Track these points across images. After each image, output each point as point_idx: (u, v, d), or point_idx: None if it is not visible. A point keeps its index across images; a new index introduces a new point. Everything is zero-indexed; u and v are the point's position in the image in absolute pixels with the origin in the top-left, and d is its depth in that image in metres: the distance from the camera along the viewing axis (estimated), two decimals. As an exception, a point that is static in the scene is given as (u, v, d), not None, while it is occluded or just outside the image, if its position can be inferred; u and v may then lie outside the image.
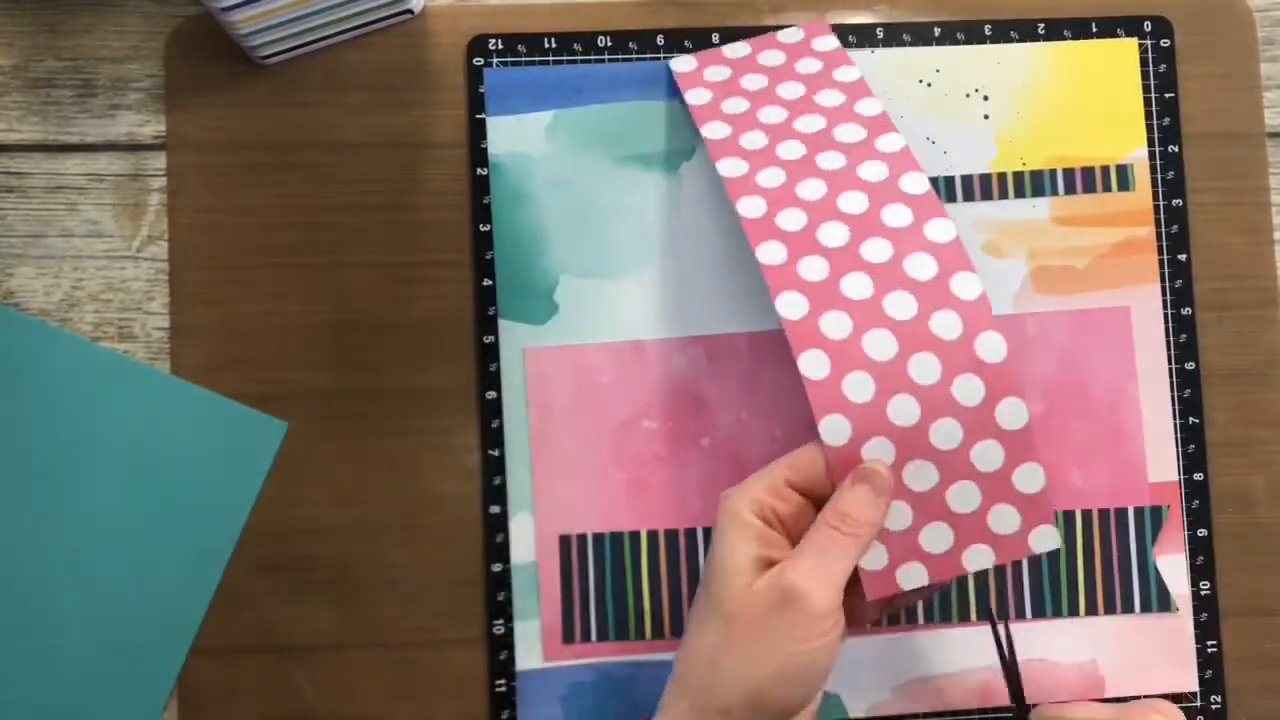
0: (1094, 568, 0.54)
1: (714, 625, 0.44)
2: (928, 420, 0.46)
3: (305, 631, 0.53)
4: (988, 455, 0.46)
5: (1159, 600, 0.55)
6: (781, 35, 0.56)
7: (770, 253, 0.48)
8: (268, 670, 0.53)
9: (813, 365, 0.46)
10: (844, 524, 0.44)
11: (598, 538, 0.54)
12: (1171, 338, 0.56)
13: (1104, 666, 0.54)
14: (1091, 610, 0.54)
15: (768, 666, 0.43)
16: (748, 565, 0.44)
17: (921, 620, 0.54)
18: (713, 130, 0.52)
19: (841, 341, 0.46)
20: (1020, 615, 0.54)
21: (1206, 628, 0.55)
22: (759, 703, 0.43)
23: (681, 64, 0.55)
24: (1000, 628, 0.50)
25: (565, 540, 0.54)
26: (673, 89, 0.56)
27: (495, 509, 0.54)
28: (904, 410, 0.46)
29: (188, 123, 0.55)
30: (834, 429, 0.46)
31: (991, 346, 0.46)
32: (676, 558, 0.54)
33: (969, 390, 0.46)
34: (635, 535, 0.54)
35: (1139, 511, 0.55)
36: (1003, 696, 0.53)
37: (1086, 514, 0.55)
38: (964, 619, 0.54)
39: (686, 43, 0.56)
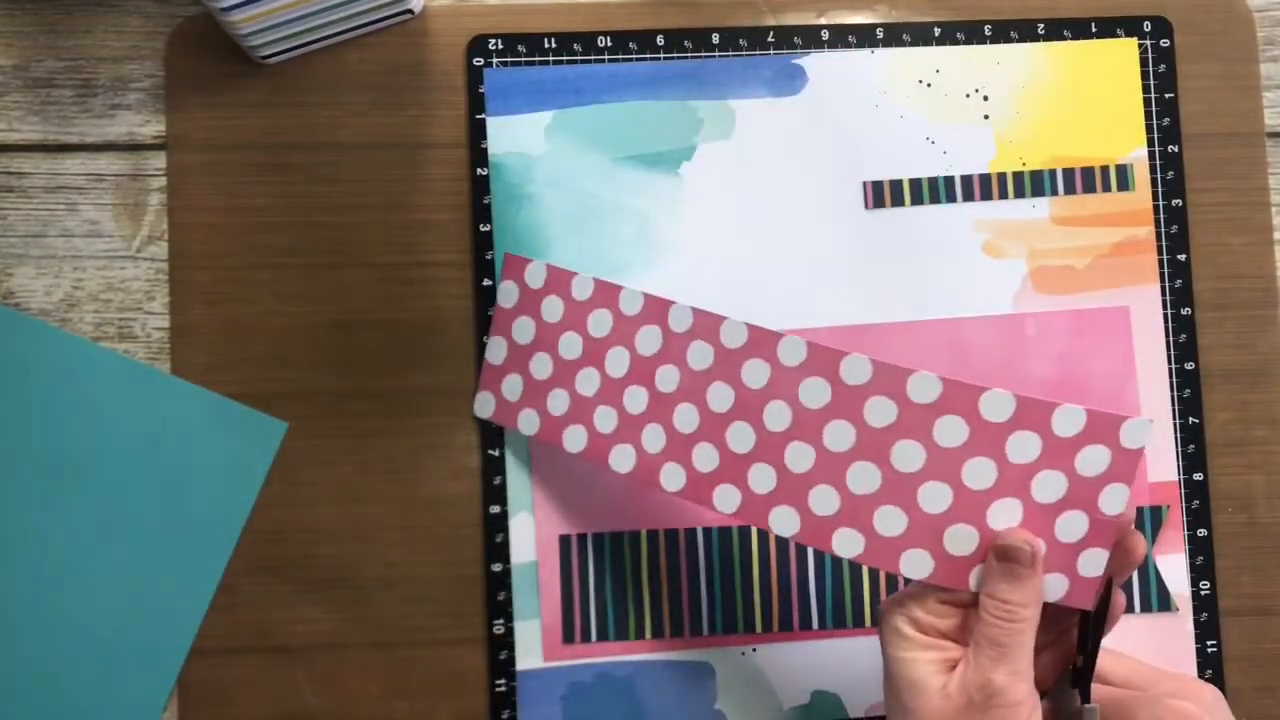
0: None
1: None
2: (957, 483, 0.45)
3: (305, 631, 0.54)
4: (1022, 446, 0.44)
5: (1159, 600, 0.55)
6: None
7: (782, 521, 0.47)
8: (267, 670, 0.53)
9: (844, 547, 0.46)
10: (1009, 614, 0.43)
11: (598, 538, 0.54)
12: (1171, 338, 0.56)
13: None
14: (1091, 610, 0.54)
15: None
16: (932, 672, 0.43)
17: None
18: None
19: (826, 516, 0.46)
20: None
21: (1206, 628, 0.55)
22: None
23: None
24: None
25: (565, 540, 0.54)
26: (673, 89, 0.56)
27: (495, 509, 0.54)
28: (936, 497, 0.45)
29: (188, 123, 0.55)
30: (916, 566, 0.45)
31: (923, 386, 0.45)
32: (676, 558, 0.54)
33: (950, 431, 0.45)
34: (635, 535, 0.54)
35: (1139, 511, 0.55)
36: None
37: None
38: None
39: (686, 42, 0.56)
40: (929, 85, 0.56)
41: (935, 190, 0.56)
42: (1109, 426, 0.43)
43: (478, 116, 0.56)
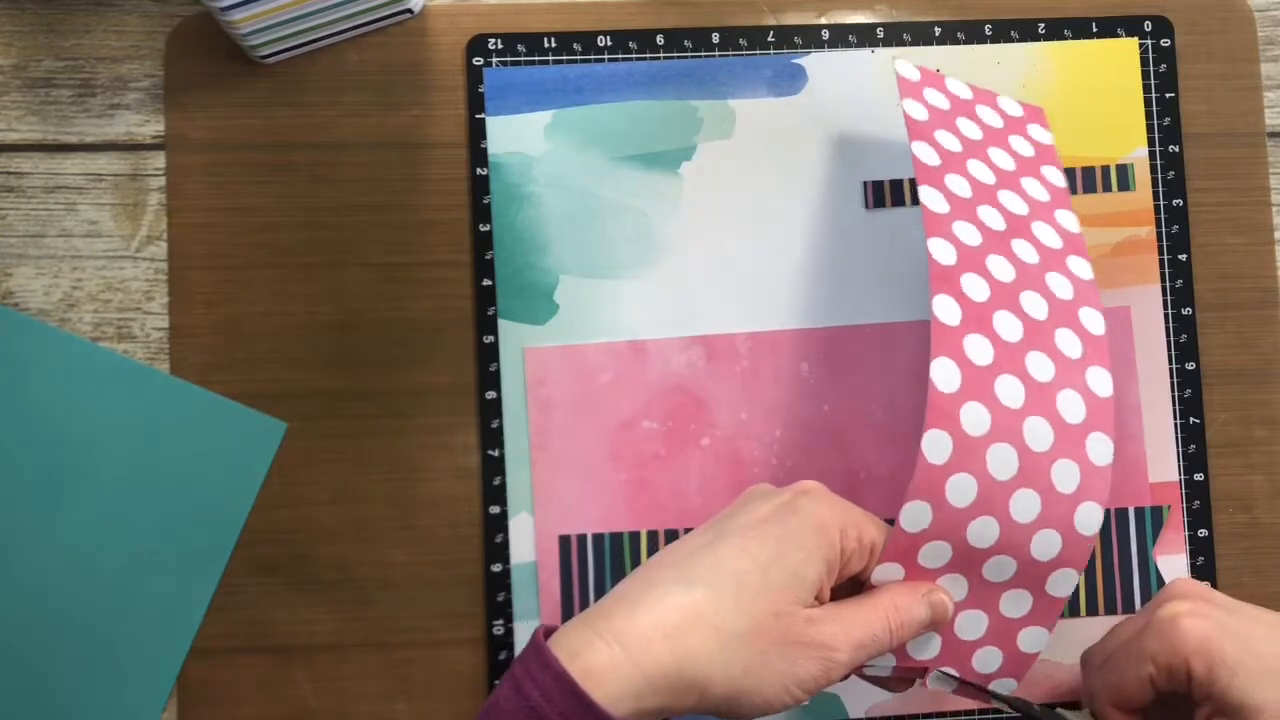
0: (1094, 568, 0.54)
1: (745, 610, 0.41)
2: (994, 551, 0.44)
3: (305, 631, 0.53)
4: (1015, 604, 0.46)
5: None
6: (1002, 101, 0.54)
7: (946, 310, 0.44)
8: (268, 670, 0.53)
9: (935, 448, 0.43)
10: (899, 628, 0.43)
11: (597, 538, 0.54)
12: (1172, 338, 0.56)
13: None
14: (1092, 610, 0.54)
15: (766, 677, 0.41)
16: (812, 584, 0.42)
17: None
18: (923, 152, 0.49)
19: (971, 439, 0.43)
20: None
21: (1207, 628, 0.55)
22: (735, 697, 0.41)
23: (906, 70, 0.52)
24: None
25: (565, 540, 0.54)
26: (673, 89, 0.56)
27: (495, 509, 0.54)
28: (983, 533, 0.44)
29: (187, 123, 0.55)
30: (915, 516, 0.43)
31: (1089, 516, 0.44)
32: (676, 558, 0.54)
33: (1044, 545, 0.44)
34: (635, 535, 0.54)
35: (1139, 511, 0.55)
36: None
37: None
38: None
39: (686, 42, 0.56)
40: (929, 85, 0.56)
41: (935, 190, 0.56)
42: (1013, 670, 0.47)
43: (477, 116, 0.56)
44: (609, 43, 0.56)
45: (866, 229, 0.56)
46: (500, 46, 0.56)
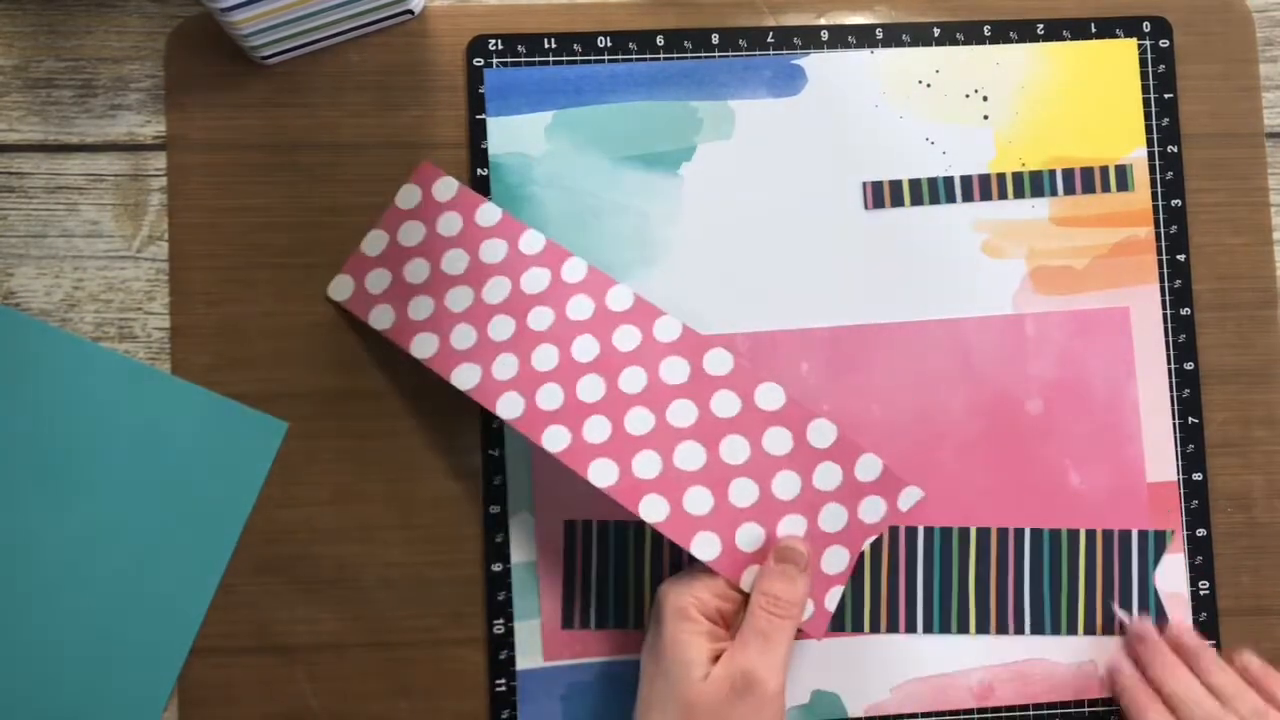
0: (1095, 590, 0.54)
1: (674, 714, 0.46)
2: (765, 487, 0.50)
3: (305, 631, 0.54)
4: (828, 475, 0.50)
5: (1157, 622, 0.55)
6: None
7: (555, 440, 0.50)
8: (268, 670, 0.53)
9: (650, 511, 0.49)
10: (776, 607, 0.47)
11: (602, 525, 0.54)
12: (1170, 338, 0.56)
13: (1104, 667, 0.54)
14: (1090, 630, 0.54)
15: None
16: (703, 659, 0.46)
17: (920, 630, 0.54)
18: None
19: (662, 476, 0.49)
20: (1020, 630, 0.54)
21: (1206, 628, 0.55)
22: None
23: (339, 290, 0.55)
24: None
25: (570, 525, 0.54)
26: (673, 90, 0.56)
27: (495, 509, 0.54)
28: (744, 493, 0.50)
29: (188, 123, 0.55)
30: (705, 546, 0.49)
31: (769, 394, 0.50)
32: (678, 556, 0.54)
33: (778, 440, 0.50)
34: (640, 527, 0.54)
35: (1141, 535, 0.55)
36: (1003, 695, 0.53)
37: (1090, 535, 0.54)
38: (963, 629, 0.54)
39: (686, 43, 0.56)
40: (929, 85, 0.56)
41: (935, 190, 0.56)
42: (894, 485, 0.50)
43: (478, 117, 0.56)
44: (609, 44, 0.56)
45: (866, 229, 0.56)
46: (500, 47, 0.56)
